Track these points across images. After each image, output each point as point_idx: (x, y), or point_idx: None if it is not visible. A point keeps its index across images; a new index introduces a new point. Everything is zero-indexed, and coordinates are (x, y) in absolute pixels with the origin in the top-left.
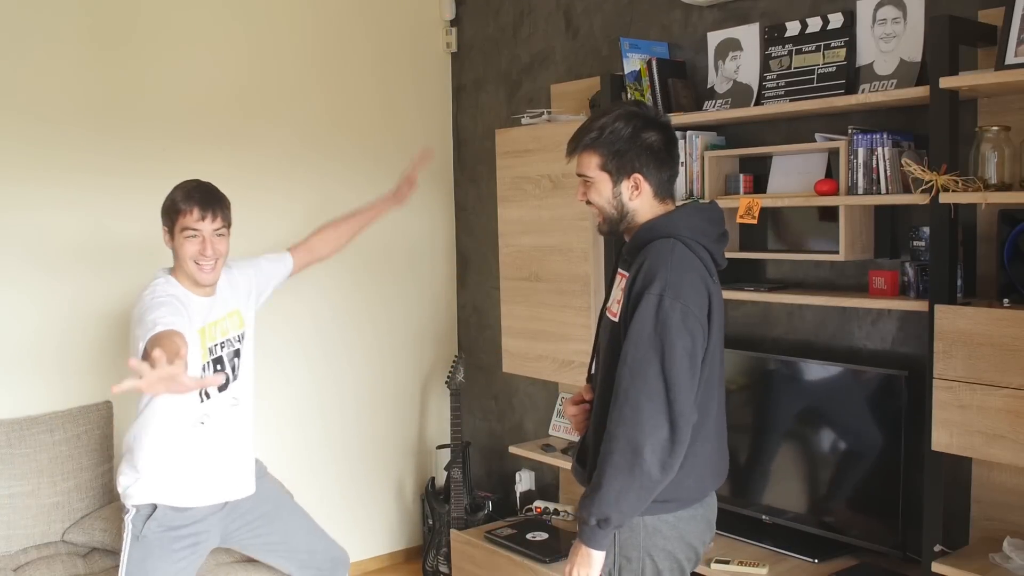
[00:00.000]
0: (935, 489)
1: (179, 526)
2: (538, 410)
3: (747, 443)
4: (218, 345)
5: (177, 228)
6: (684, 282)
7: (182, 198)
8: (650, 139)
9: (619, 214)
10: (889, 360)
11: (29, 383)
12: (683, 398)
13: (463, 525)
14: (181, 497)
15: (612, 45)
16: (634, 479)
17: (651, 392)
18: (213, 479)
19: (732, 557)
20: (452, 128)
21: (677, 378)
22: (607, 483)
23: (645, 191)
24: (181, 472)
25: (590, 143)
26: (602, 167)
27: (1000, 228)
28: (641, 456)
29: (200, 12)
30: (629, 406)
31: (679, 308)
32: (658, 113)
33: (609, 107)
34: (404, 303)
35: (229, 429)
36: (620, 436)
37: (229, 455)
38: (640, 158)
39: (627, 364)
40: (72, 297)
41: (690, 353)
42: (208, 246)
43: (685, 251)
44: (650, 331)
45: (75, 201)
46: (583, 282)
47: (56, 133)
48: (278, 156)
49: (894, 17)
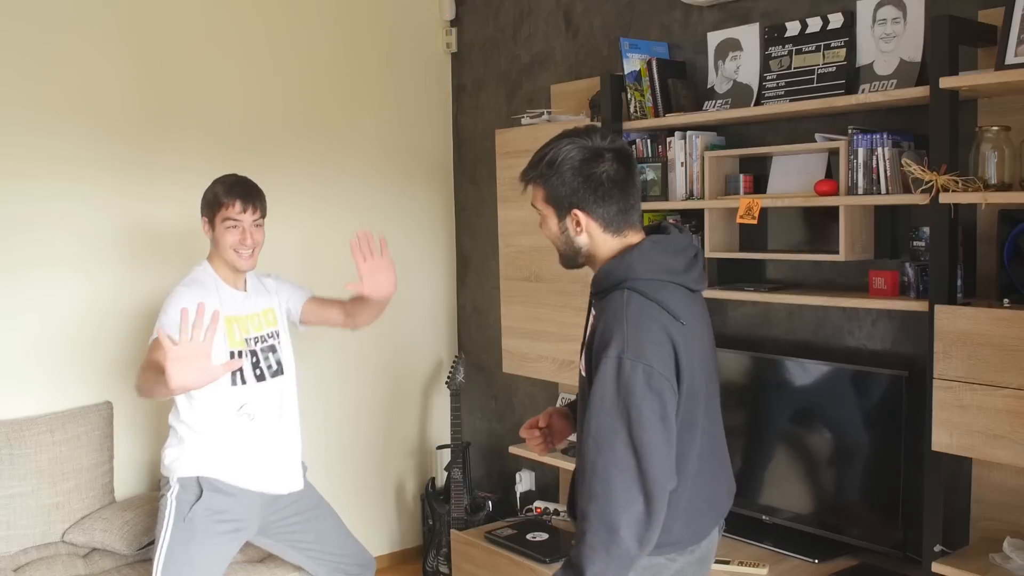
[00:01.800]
0: (935, 489)
1: (224, 510)
2: (538, 410)
3: (747, 443)
4: (253, 339)
5: (219, 219)
6: (643, 339)
7: (224, 191)
8: (595, 171)
9: (570, 250)
10: (889, 360)
11: (29, 383)
12: (656, 466)
13: (463, 525)
14: (227, 473)
15: (612, 45)
16: (612, 559)
17: (621, 464)
18: (259, 468)
19: (732, 557)
20: (452, 128)
21: (648, 445)
22: (586, 567)
23: (591, 227)
24: (227, 452)
25: (534, 176)
26: (547, 201)
27: (1000, 228)
28: (617, 535)
29: (200, 11)
30: (599, 481)
31: (641, 369)
32: (611, 139)
33: (560, 133)
34: (404, 303)
35: (277, 424)
36: (592, 515)
37: (277, 449)
38: (578, 193)
39: (591, 435)
40: (72, 297)
41: (660, 415)
42: (248, 236)
43: (642, 301)
44: (612, 397)
45: (74, 204)
46: (583, 282)
47: (68, 136)
48: (278, 155)
49: (894, 17)
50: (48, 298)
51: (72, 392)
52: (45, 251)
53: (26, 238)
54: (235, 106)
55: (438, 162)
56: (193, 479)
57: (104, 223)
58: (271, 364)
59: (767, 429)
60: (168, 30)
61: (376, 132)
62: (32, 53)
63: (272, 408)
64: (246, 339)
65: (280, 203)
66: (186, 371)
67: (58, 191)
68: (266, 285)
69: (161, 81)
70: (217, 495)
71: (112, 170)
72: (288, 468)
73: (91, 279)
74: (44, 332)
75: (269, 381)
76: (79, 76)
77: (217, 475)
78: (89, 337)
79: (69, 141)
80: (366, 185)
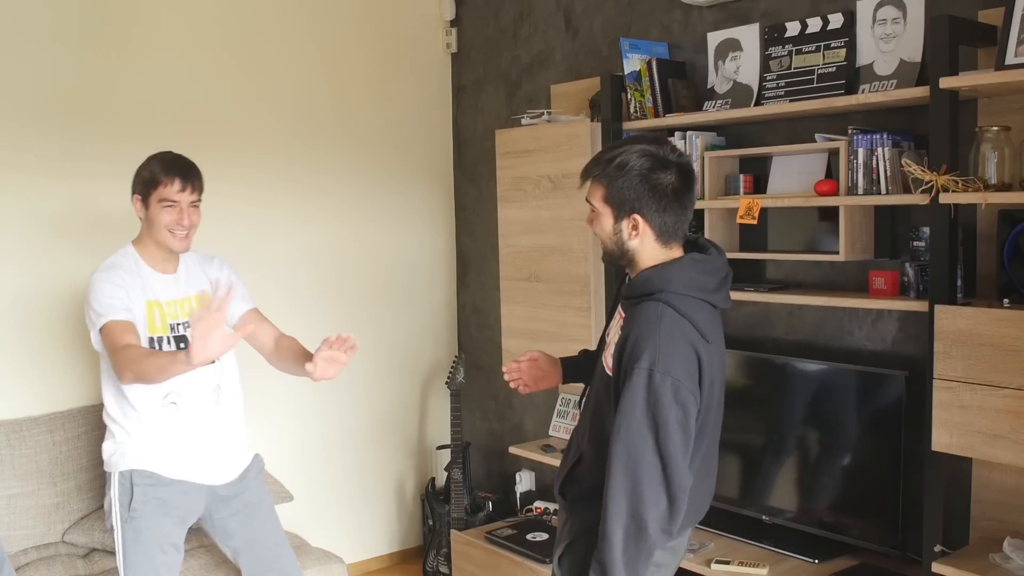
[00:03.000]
0: (935, 489)
1: (165, 499)
2: (538, 410)
3: (747, 444)
4: (183, 324)
5: (154, 198)
6: (673, 354)
7: (162, 169)
8: (660, 180)
9: (618, 250)
10: (889, 360)
11: (29, 384)
12: (679, 471)
13: (463, 525)
14: (161, 465)
15: (612, 45)
16: (640, 552)
17: (649, 468)
18: (193, 458)
19: (732, 557)
20: (452, 128)
21: (672, 453)
22: (616, 560)
23: (645, 233)
24: (159, 443)
25: (599, 174)
26: (606, 200)
27: (1000, 228)
28: (646, 531)
29: (198, 11)
30: (629, 481)
31: (670, 383)
32: (679, 153)
33: (629, 139)
34: (404, 303)
35: (213, 410)
36: (621, 512)
37: (212, 438)
38: (642, 199)
39: (621, 440)
40: (72, 298)
41: (682, 425)
42: (185, 216)
43: (675, 317)
44: (642, 406)
45: (74, 206)
46: (583, 282)
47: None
48: (277, 155)
49: (894, 17)
50: (49, 299)
51: (73, 393)
52: (46, 252)
53: (29, 239)
54: (232, 106)
55: (438, 162)
56: (128, 474)
57: (108, 226)
58: None
59: (767, 429)
60: (142, 25)
61: (376, 132)
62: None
63: (204, 395)
64: (171, 324)
65: (278, 203)
66: (210, 343)
67: (59, 196)
68: (208, 271)
69: (160, 80)
70: (156, 487)
71: (121, 167)
72: (226, 457)
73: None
74: (45, 333)
75: (199, 369)
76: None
77: (152, 467)
78: (90, 338)
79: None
80: (365, 185)
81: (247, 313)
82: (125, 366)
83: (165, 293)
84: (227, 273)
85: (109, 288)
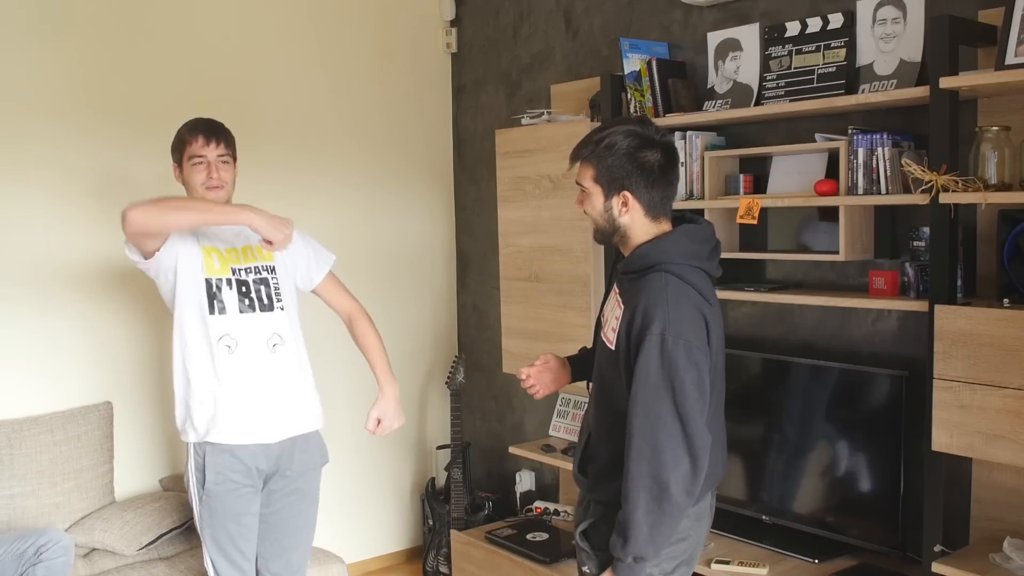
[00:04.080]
0: (935, 489)
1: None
2: (538, 410)
3: (747, 443)
4: (243, 269)
5: (185, 158)
6: (682, 317)
7: (188, 130)
8: (647, 158)
9: (610, 227)
10: (889, 360)
11: (29, 383)
12: (698, 429)
13: (463, 525)
14: (225, 432)
15: (612, 45)
16: (664, 514)
17: (668, 430)
18: (250, 413)
19: (732, 557)
20: (452, 128)
21: (690, 412)
22: (639, 522)
23: (635, 209)
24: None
25: (588, 155)
26: (595, 179)
27: (1000, 228)
28: (668, 491)
29: (198, 11)
30: (648, 444)
31: (682, 344)
32: (662, 133)
33: (614, 120)
34: (404, 303)
35: (266, 367)
36: (645, 474)
37: (268, 394)
38: (631, 176)
39: (639, 404)
40: (73, 298)
41: (697, 384)
42: (214, 170)
43: (679, 283)
44: (657, 370)
45: (75, 208)
46: (583, 282)
47: (53, 128)
48: (277, 155)
49: (894, 17)
50: (49, 298)
51: (72, 392)
52: (46, 253)
53: (29, 238)
54: (232, 106)
55: (438, 162)
56: (202, 449)
57: (109, 227)
58: (262, 298)
59: (767, 429)
60: (143, 22)
61: (376, 132)
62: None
63: (259, 344)
64: (232, 268)
65: (279, 204)
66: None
67: (59, 198)
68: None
69: (159, 79)
70: (226, 468)
71: (119, 168)
72: (284, 412)
73: (93, 281)
74: (45, 332)
75: (257, 314)
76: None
77: (218, 438)
78: (90, 337)
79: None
80: (365, 185)
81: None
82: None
83: (224, 241)
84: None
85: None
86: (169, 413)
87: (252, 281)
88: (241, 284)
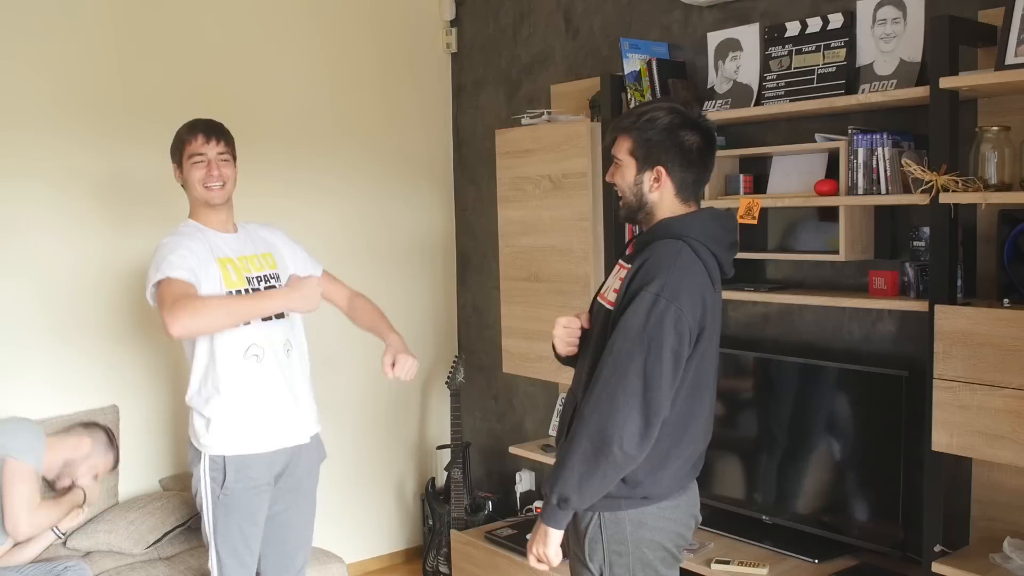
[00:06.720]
0: (935, 489)
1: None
2: (538, 410)
3: (747, 443)
4: (255, 278)
5: (185, 157)
6: (683, 287)
7: (187, 129)
8: (685, 138)
9: (638, 202)
10: (889, 360)
11: (37, 386)
12: (660, 397)
13: (463, 525)
14: (249, 443)
15: (612, 45)
16: (598, 467)
17: (629, 387)
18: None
19: (732, 557)
20: (452, 128)
21: (657, 378)
22: (572, 465)
23: (666, 186)
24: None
25: (627, 126)
26: (631, 152)
27: (1000, 228)
28: (609, 446)
29: (198, 12)
30: (606, 396)
31: (673, 310)
32: (704, 118)
33: (659, 99)
34: (404, 303)
35: (285, 373)
36: (592, 422)
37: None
38: (668, 153)
39: (612, 354)
40: (79, 301)
41: (675, 352)
42: (214, 167)
43: (691, 255)
44: (640, 327)
45: (77, 211)
46: (583, 282)
47: (58, 127)
48: (277, 155)
49: (894, 17)
50: (55, 301)
51: (79, 395)
52: (51, 254)
53: (35, 244)
54: (232, 106)
55: (438, 162)
56: (221, 459)
57: (110, 230)
58: None
59: (767, 429)
60: (143, 21)
61: (376, 132)
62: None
63: (278, 350)
64: (247, 277)
65: (278, 202)
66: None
67: (61, 199)
68: (266, 236)
69: (158, 78)
70: (247, 469)
71: (119, 168)
72: (301, 413)
73: (99, 283)
74: (52, 335)
75: (274, 321)
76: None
77: (242, 450)
78: (97, 340)
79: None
80: (365, 185)
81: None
82: (179, 311)
83: (233, 250)
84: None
85: (176, 250)
86: (172, 415)
87: (264, 289)
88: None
